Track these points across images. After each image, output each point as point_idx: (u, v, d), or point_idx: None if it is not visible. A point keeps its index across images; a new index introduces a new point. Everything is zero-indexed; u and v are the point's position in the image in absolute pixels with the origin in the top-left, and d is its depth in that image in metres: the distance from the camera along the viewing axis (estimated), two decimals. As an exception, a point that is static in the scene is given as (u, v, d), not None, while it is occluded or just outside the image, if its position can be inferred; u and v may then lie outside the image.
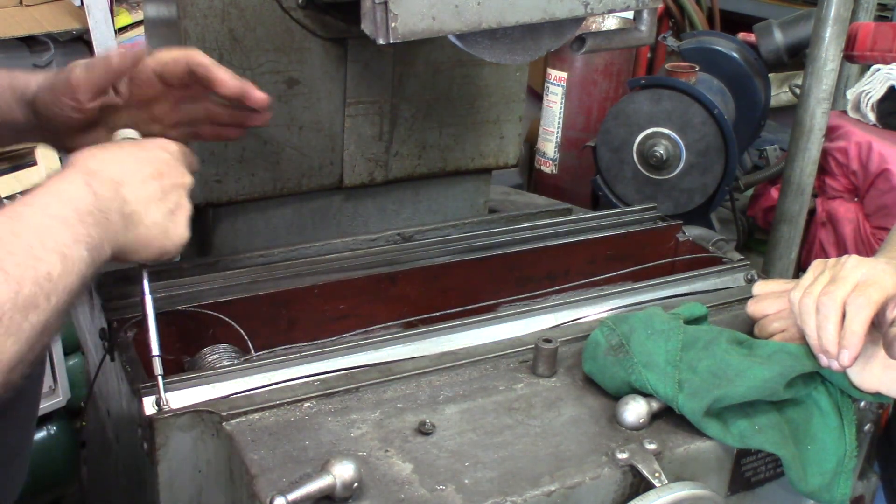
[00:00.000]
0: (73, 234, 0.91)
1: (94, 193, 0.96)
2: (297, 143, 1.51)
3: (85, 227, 0.93)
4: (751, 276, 1.49)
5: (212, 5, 1.36)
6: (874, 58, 2.83)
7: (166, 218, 1.06)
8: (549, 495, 0.99)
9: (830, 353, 1.09)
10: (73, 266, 0.90)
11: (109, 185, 1.00)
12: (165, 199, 1.06)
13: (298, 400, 1.10)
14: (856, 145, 2.72)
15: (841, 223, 2.78)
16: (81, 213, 0.94)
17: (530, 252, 1.56)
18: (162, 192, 1.06)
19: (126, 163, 1.05)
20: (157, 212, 1.05)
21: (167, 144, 1.13)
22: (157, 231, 1.05)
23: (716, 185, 2.50)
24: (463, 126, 1.66)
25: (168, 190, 1.07)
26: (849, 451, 1.13)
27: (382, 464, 1.00)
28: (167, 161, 1.10)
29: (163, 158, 1.09)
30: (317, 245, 1.52)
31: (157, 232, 1.05)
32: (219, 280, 1.38)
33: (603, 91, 3.01)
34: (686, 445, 1.08)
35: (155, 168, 1.07)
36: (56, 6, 2.82)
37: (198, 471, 1.08)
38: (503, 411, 1.12)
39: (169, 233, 1.07)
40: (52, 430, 2.07)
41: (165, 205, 1.06)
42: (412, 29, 1.16)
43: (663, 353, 1.13)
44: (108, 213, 0.98)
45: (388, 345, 1.23)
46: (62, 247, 0.89)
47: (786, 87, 3.82)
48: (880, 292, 1.08)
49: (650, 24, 1.48)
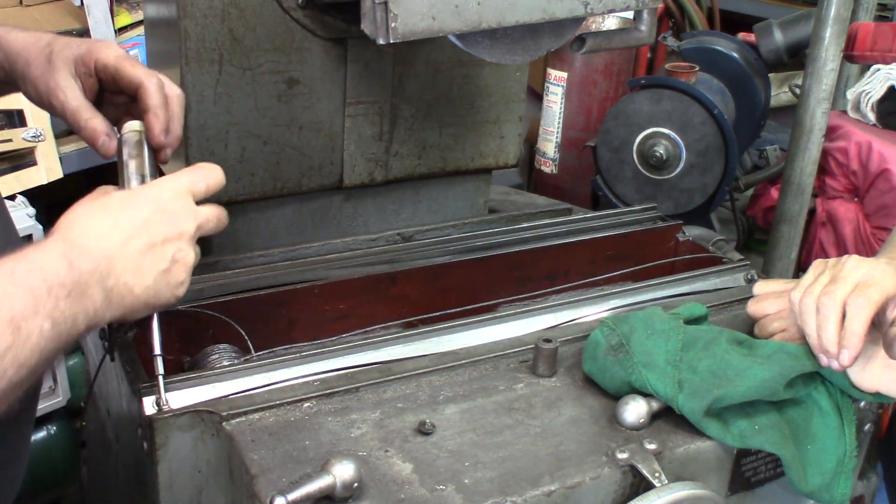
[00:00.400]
0: (36, 306, 0.85)
1: (70, 265, 0.90)
2: (297, 143, 1.51)
3: (53, 298, 0.87)
4: (751, 276, 1.49)
5: (212, 5, 1.36)
6: (874, 58, 2.83)
7: (159, 280, 1.00)
8: (549, 495, 0.99)
9: (830, 353, 1.09)
10: (27, 340, 0.84)
11: (90, 257, 0.94)
12: (158, 259, 1.00)
13: (298, 400, 1.10)
14: (856, 145, 2.72)
15: (841, 223, 2.78)
16: (51, 285, 0.87)
17: (530, 252, 1.56)
18: (154, 253, 1.00)
19: (111, 229, 0.98)
20: (148, 277, 0.99)
21: (163, 191, 1.04)
22: (148, 295, 0.99)
23: (716, 185, 2.50)
24: (463, 126, 1.66)
25: (162, 248, 1.00)
26: (849, 451, 1.13)
27: (382, 464, 1.00)
28: (162, 213, 1.02)
29: (157, 212, 1.01)
30: (317, 245, 1.52)
31: (147, 296, 0.99)
32: (219, 280, 1.38)
33: (603, 91, 3.01)
34: (686, 445, 1.08)
35: (146, 229, 1.00)
36: (56, 6, 2.83)
37: (198, 471, 1.08)
38: (503, 411, 1.12)
39: (161, 293, 1.01)
40: (52, 430, 2.08)
41: (158, 266, 1.00)
42: (412, 29, 1.16)
43: (663, 353, 1.13)
44: (86, 286, 0.92)
45: (388, 345, 1.23)
46: (18, 318, 0.83)
47: (786, 87, 3.82)
48: (880, 292, 1.08)
49: (650, 24, 1.48)
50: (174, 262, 1.01)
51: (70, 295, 0.89)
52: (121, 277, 0.96)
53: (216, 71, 1.40)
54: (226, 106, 1.43)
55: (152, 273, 0.99)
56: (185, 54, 1.37)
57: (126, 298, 0.97)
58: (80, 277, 0.91)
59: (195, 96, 1.40)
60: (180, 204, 1.03)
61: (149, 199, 1.02)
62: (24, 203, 2.44)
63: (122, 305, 0.97)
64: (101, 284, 0.94)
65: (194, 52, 1.37)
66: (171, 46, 1.40)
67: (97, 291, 0.93)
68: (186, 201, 1.04)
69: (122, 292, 0.97)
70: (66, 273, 0.90)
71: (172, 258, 1.01)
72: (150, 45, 1.66)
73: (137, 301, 0.99)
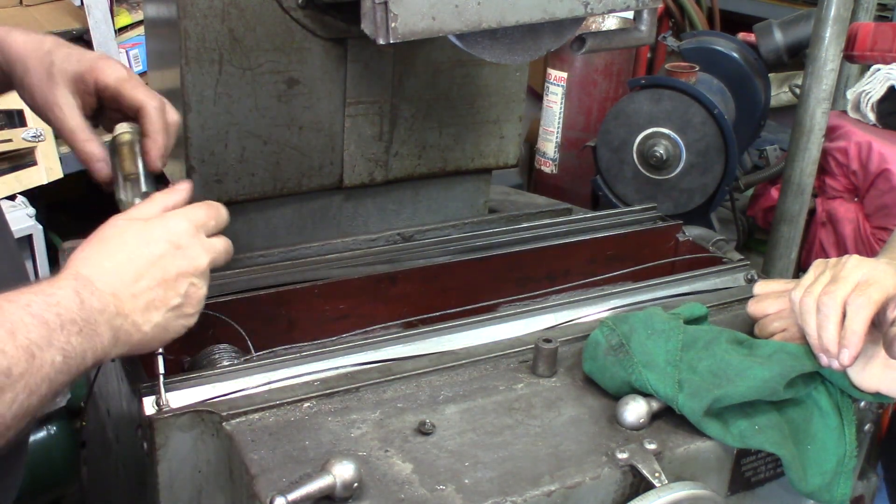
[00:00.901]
0: (50, 338, 0.87)
1: (82, 302, 0.92)
2: (297, 143, 1.51)
3: (65, 334, 0.89)
4: (751, 276, 1.49)
5: (212, 5, 1.36)
6: (874, 58, 2.83)
7: (169, 315, 1.02)
8: (549, 495, 0.99)
9: (831, 353, 1.09)
10: (40, 369, 0.85)
11: (100, 296, 0.95)
12: (170, 295, 1.01)
13: (298, 400, 1.10)
14: (856, 145, 2.72)
15: (841, 223, 2.78)
16: (64, 320, 0.89)
17: (530, 252, 1.56)
18: (166, 289, 1.01)
19: (125, 266, 0.99)
20: (157, 314, 1.01)
21: (179, 225, 1.04)
22: (157, 332, 1.01)
23: (716, 185, 2.50)
24: (463, 126, 1.66)
25: (175, 284, 1.02)
26: (849, 451, 1.13)
27: (382, 464, 1.00)
28: (177, 249, 1.03)
29: (172, 247, 1.03)
30: (317, 245, 1.52)
31: (155, 333, 1.01)
32: (219, 280, 1.38)
33: (603, 91, 3.01)
34: (686, 445, 1.08)
35: (160, 264, 1.01)
36: (56, 6, 2.83)
37: (198, 471, 1.08)
38: (503, 411, 1.12)
39: (170, 327, 1.03)
40: (52, 430, 2.07)
41: (169, 301, 1.01)
42: (412, 29, 1.16)
43: (663, 353, 1.13)
44: (96, 325, 0.93)
45: (388, 345, 1.23)
46: (32, 346, 0.85)
47: (786, 87, 3.82)
48: (881, 292, 1.08)
49: (650, 24, 1.48)
50: (186, 297, 1.03)
51: (81, 332, 0.91)
52: (129, 317, 0.98)
53: (216, 71, 1.40)
54: (226, 106, 1.43)
55: (162, 309, 1.01)
56: (185, 54, 1.37)
57: (133, 336, 0.99)
58: (90, 315, 0.93)
59: (195, 96, 1.40)
60: (195, 239, 1.05)
61: (164, 235, 1.03)
62: (24, 203, 2.44)
63: (129, 343, 0.99)
64: (109, 324, 0.96)
65: (194, 52, 1.37)
66: (171, 46, 1.40)
67: (106, 330, 0.95)
68: (199, 237, 1.06)
69: (130, 331, 0.99)
70: (78, 310, 0.92)
71: (185, 293, 1.03)
72: (150, 45, 1.66)
73: (145, 338, 1.01)
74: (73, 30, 2.79)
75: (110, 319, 0.96)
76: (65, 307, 0.90)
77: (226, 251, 1.10)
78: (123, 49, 2.89)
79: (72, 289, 0.93)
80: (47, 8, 2.80)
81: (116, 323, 0.96)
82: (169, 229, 1.04)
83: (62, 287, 0.93)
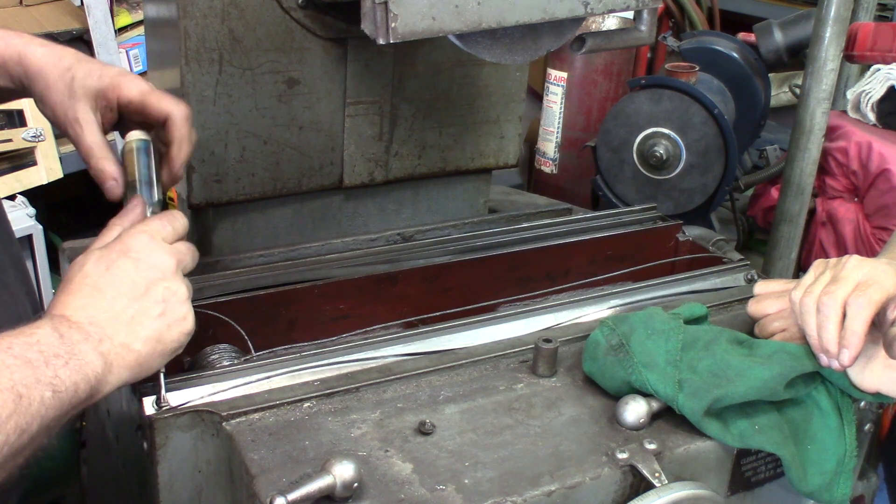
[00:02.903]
0: (37, 376, 0.87)
1: (62, 337, 0.93)
2: (297, 143, 1.51)
3: (52, 368, 0.89)
4: (751, 276, 1.49)
5: (212, 5, 1.36)
6: (874, 58, 2.83)
7: (157, 325, 1.01)
8: (549, 495, 0.99)
9: (831, 353, 1.09)
10: (28, 407, 0.85)
11: (78, 328, 0.95)
12: (148, 306, 1.01)
13: (298, 400, 1.10)
14: (856, 145, 2.72)
15: (841, 223, 2.78)
16: (47, 356, 0.90)
17: (530, 252, 1.56)
18: (142, 302, 1.01)
19: (93, 296, 0.99)
20: (143, 329, 1.00)
21: (133, 242, 1.05)
22: (151, 345, 1.00)
23: (716, 185, 2.50)
24: (463, 126, 1.66)
25: (147, 295, 1.01)
26: (849, 451, 1.13)
27: (382, 464, 1.00)
28: (138, 262, 1.03)
29: (133, 264, 1.03)
30: (317, 245, 1.52)
31: (150, 347, 1.00)
32: (219, 280, 1.38)
33: (603, 91, 3.01)
34: (686, 445, 1.08)
35: (127, 283, 1.01)
36: (56, 6, 2.83)
37: (198, 471, 1.08)
38: (503, 411, 1.12)
39: (164, 337, 1.02)
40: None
41: (150, 312, 1.01)
42: (412, 29, 1.16)
43: (663, 353, 1.13)
44: (82, 354, 0.93)
45: (388, 345, 1.23)
46: (19, 386, 0.85)
47: (786, 87, 3.82)
48: (881, 292, 1.08)
49: (650, 24, 1.48)
50: (166, 302, 1.02)
51: (68, 364, 0.91)
52: (115, 338, 0.98)
53: (216, 71, 1.40)
54: (226, 106, 1.43)
55: (146, 321, 1.01)
56: (185, 54, 1.37)
57: (128, 357, 0.98)
58: (73, 347, 0.93)
59: (195, 96, 1.40)
60: (153, 247, 1.05)
61: (122, 255, 1.03)
62: (24, 203, 2.44)
63: (127, 365, 0.98)
64: (96, 351, 0.95)
65: (194, 52, 1.37)
66: (171, 46, 1.40)
67: (94, 358, 0.94)
68: (158, 244, 1.06)
69: (121, 352, 0.98)
70: (60, 344, 0.92)
71: (162, 298, 1.02)
72: (150, 45, 1.66)
73: (140, 355, 1.00)
74: (73, 30, 2.79)
75: (96, 346, 0.95)
76: (46, 343, 0.90)
77: (190, 252, 1.10)
78: (123, 49, 2.89)
79: (49, 327, 0.93)
80: (47, 8, 2.80)
81: (104, 348, 0.96)
82: (126, 246, 1.04)
83: (40, 326, 0.93)
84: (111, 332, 0.98)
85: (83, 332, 0.95)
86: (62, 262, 1.57)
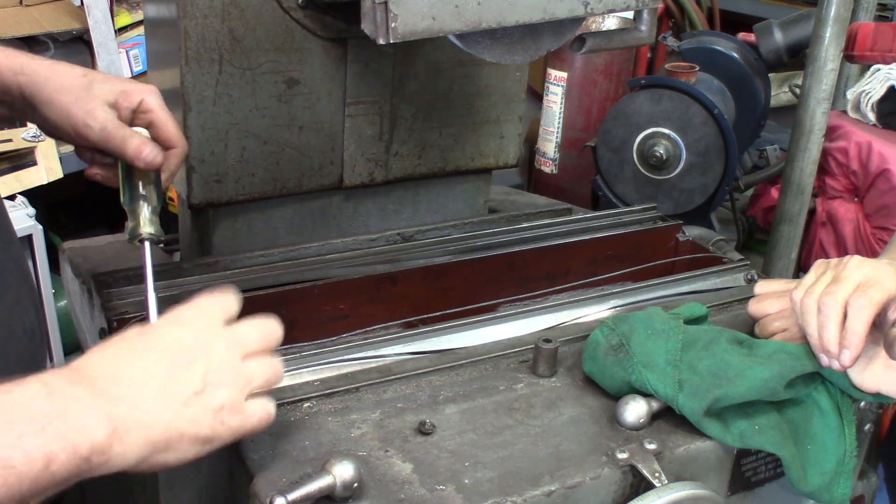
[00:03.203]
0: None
1: (50, 394, 0.75)
2: (297, 143, 1.51)
3: (13, 435, 0.72)
4: (751, 276, 1.49)
5: (212, 5, 1.36)
6: (874, 58, 2.83)
7: (196, 411, 0.84)
8: (549, 495, 0.99)
9: (831, 353, 1.09)
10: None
11: (85, 383, 0.80)
12: (186, 375, 0.86)
13: (298, 400, 1.10)
14: (856, 145, 2.72)
15: (841, 223, 2.78)
16: (13, 417, 0.73)
17: (530, 252, 1.56)
18: (181, 372, 0.85)
19: (130, 354, 0.85)
20: (176, 402, 0.83)
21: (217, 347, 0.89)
22: (183, 424, 0.84)
23: (716, 185, 2.50)
24: (463, 126, 1.66)
25: (188, 371, 0.86)
26: (849, 451, 1.13)
27: (382, 464, 1.00)
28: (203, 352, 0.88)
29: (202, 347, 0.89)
30: (317, 245, 1.52)
31: (182, 426, 0.84)
32: (219, 280, 1.38)
33: (603, 91, 3.01)
34: (686, 445, 1.08)
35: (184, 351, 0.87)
36: (56, 6, 2.83)
37: (198, 471, 1.08)
38: (503, 411, 1.12)
39: (202, 423, 0.85)
40: (52, 431, 2.07)
41: (187, 388, 0.85)
42: (412, 29, 1.16)
43: (663, 353, 1.13)
44: (73, 418, 0.76)
45: (388, 345, 1.23)
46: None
47: (786, 87, 3.83)
48: (882, 293, 1.08)
49: (650, 24, 1.48)
50: (207, 384, 0.87)
51: (44, 430, 0.74)
52: (137, 404, 0.82)
53: (216, 71, 1.40)
54: (226, 106, 1.43)
55: (181, 394, 0.85)
56: (185, 54, 1.37)
57: (154, 430, 0.82)
58: (65, 407, 0.76)
59: (195, 96, 1.40)
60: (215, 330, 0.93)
61: (173, 324, 0.91)
62: (24, 203, 2.44)
63: (147, 438, 0.82)
64: (101, 411, 0.78)
65: (194, 52, 1.37)
66: (171, 46, 1.40)
67: (95, 421, 0.78)
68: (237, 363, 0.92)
69: (145, 420, 0.82)
70: (43, 403, 0.76)
71: (205, 381, 0.87)
72: (150, 45, 1.66)
73: (168, 429, 0.83)
74: (73, 30, 2.79)
75: (105, 407, 0.78)
76: (21, 402, 0.73)
77: (264, 367, 0.94)
78: (123, 49, 2.89)
79: (41, 382, 0.76)
80: (47, 8, 2.80)
81: (118, 412, 0.78)
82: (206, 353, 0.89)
83: (28, 381, 0.76)
84: (134, 394, 0.81)
85: (91, 387, 0.79)
86: (62, 262, 1.57)
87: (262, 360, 0.94)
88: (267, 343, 0.95)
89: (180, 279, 1.37)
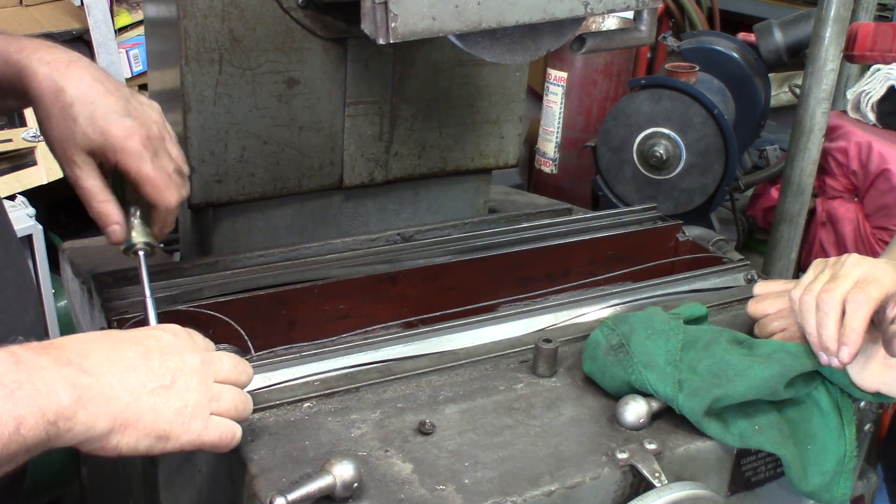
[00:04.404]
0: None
1: (18, 362, 0.79)
2: (297, 143, 1.51)
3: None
4: (751, 276, 1.49)
5: (212, 5, 1.36)
6: (874, 58, 2.83)
7: (161, 399, 0.86)
8: (549, 495, 0.99)
9: (830, 350, 1.09)
10: None
11: (54, 354, 0.83)
12: (153, 366, 0.88)
13: (298, 400, 1.10)
14: (856, 145, 2.72)
15: (841, 223, 2.78)
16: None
17: (530, 252, 1.56)
18: (147, 363, 0.88)
19: (103, 340, 0.88)
20: (134, 379, 0.86)
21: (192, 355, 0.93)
22: (143, 407, 0.85)
23: (716, 185, 2.50)
24: (463, 126, 1.66)
25: (160, 363, 0.89)
26: (849, 451, 1.13)
27: (382, 464, 1.00)
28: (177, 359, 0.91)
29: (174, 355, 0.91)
30: (317, 245, 1.52)
31: (142, 407, 0.85)
32: (219, 280, 1.38)
33: (603, 91, 3.01)
34: (686, 445, 1.08)
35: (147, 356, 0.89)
36: (56, 6, 2.83)
37: (198, 471, 1.08)
38: (503, 411, 1.12)
39: (160, 409, 0.86)
40: (52, 431, 2.07)
41: (152, 374, 0.87)
42: (412, 29, 1.16)
43: (663, 353, 1.13)
44: (40, 384, 0.79)
45: (388, 345, 1.23)
46: None
47: (786, 87, 3.83)
48: (880, 290, 1.08)
49: (650, 24, 1.48)
50: (174, 380, 0.89)
51: (13, 395, 0.77)
52: (100, 377, 0.84)
53: (216, 71, 1.40)
54: (226, 106, 1.43)
55: (148, 380, 0.88)
56: (185, 54, 1.37)
57: (114, 403, 0.84)
58: (31, 375, 0.79)
59: (195, 96, 1.40)
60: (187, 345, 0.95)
61: (148, 334, 0.94)
62: (24, 203, 2.44)
63: (109, 412, 0.83)
64: (66, 380, 0.81)
65: (194, 52, 1.37)
66: (171, 46, 1.40)
67: (60, 387, 0.80)
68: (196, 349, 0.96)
69: (107, 393, 0.84)
70: (11, 370, 0.78)
71: (173, 378, 0.90)
72: (150, 45, 1.66)
73: (129, 408, 0.85)
74: (73, 30, 2.79)
75: (71, 377, 0.81)
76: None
77: (233, 392, 0.96)
78: (123, 49, 2.89)
79: (7, 352, 0.79)
80: (47, 8, 2.80)
81: (83, 381, 0.81)
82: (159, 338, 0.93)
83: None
84: (101, 370, 0.84)
85: (60, 358, 0.82)
86: (62, 262, 1.57)
87: (233, 388, 0.96)
88: (238, 376, 0.98)
89: (180, 279, 1.37)
